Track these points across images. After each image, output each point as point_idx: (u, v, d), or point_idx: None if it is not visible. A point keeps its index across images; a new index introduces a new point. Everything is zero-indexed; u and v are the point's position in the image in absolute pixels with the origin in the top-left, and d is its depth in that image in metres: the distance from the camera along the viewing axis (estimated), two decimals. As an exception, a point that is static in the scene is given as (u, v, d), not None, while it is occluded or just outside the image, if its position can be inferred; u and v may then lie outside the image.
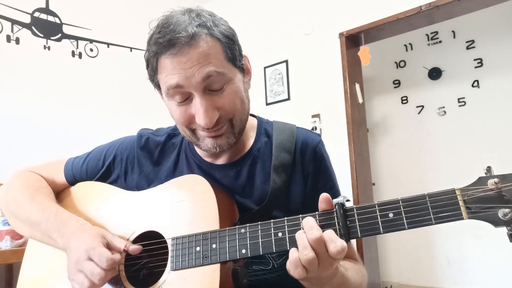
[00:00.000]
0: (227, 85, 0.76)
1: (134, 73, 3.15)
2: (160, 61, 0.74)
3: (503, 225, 0.57)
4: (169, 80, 0.73)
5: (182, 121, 0.78)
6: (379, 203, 0.63)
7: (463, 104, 3.37)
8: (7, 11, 2.60)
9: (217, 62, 0.73)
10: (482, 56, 3.29)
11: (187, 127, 0.79)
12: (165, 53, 0.72)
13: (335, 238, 0.61)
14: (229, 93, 0.76)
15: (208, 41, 0.73)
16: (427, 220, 0.60)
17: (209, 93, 0.75)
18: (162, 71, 0.74)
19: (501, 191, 0.57)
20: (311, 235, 0.61)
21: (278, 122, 0.93)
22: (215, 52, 0.74)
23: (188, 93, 0.74)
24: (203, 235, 0.73)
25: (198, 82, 0.72)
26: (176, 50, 0.71)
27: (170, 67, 0.72)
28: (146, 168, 0.92)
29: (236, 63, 0.79)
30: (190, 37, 0.71)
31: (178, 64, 0.72)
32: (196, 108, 0.74)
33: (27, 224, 0.88)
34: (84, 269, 0.72)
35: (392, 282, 3.53)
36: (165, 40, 0.71)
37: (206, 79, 0.72)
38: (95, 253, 0.72)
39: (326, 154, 0.90)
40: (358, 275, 0.80)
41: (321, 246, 0.61)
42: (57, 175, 0.98)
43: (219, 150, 0.80)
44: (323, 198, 0.66)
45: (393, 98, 3.74)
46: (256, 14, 3.38)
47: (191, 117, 0.76)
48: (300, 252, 0.62)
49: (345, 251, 0.60)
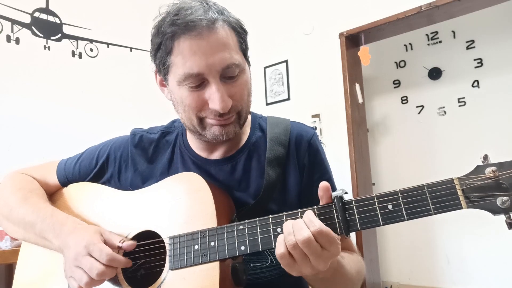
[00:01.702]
0: (240, 75, 0.77)
1: (134, 73, 3.15)
2: (178, 43, 0.72)
3: (502, 213, 0.57)
4: (188, 67, 0.72)
5: (194, 106, 0.76)
6: (378, 195, 0.63)
7: (463, 104, 3.36)
8: (7, 11, 2.60)
9: (234, 52, 0.75)
10: (482, 56, 3.29)
11: (196, 115, 0.77)
12: (183, 34, 0.71)
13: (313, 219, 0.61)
14: (241, 83, 0.77)
15: (226, 29, 0.74)
16: (426, 210, 0.60)
17: (224, 81, 0.75)
18: (179, 53, 0.73)
19: (499, 179, 0.57)
20: (299, 236, 0.60)
21: (272, 117, 0.93)
22: (233, 41, 0.75)
23: (204, 79, 0.74)
24: (201, 233, 0.72)
25: (217, 71, 0.73)
26: (196, 33, 0.71)
27: (189, 50, 0.71)
28: (141, 165, 0.91)
29: (246, 55, 0.80)
30: (210, 21, 0.71)
31: (198, 48, 0.71)
32: (211, 93, 0.73)
33: (20, 227, 0.87)
34: (82, 265, 0.72)
35: (392, 282, 3.53)
36: (185, 22, 0.70)
37: (226, 68, 0.73)
38: (95, 249, 0.72)
39: (321, 147, 0.91)
40: (354, 263, 0.80)
41: (310, 245, 0.60)
42: (49, 176, 0.97)
43: (225, 138, 0.79)
44: (323, 186, 0.65)
45: (393, 98, 3.73)
46: (256, 14, 3.38)
47: (203, 103, 0.75)
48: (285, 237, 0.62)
49: (323, 230, 0.60)
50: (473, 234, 3.14)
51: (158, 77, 0.83)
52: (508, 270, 3.00)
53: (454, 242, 3.29)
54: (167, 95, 0.84)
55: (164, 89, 0.84)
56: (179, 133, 0.93)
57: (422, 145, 3.53)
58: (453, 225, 3.23)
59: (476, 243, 3.16)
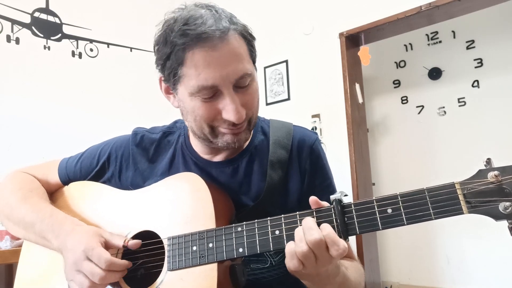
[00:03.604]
0: (251, 83, 0.77)
1: (134, 73, 3.15)
2: (191, 54, 0.71)
3: (504, 218, 0.56)
4: (203, 79, 0.71)
5: (206, 117, 0.75)
6: (377, 199, 0.63)
7: (463, 104, 3.36)
8: (7, 11, 2.60)
9: (246, 62, 0.75)
10: (482, 56, 3.29)
11: (208, 124, 0.77)
12: (196, 46, 0.70)
13: (336, 240, 0.60)
14: (252, 91, 0.77)
15: (237, 38, 0.73)
16: (427, 215, 0.59)
17: (236, 90, 0.75)
18: (192, 65, 0.71)
19: (502, 184, 0.56)
20: (310, 236, 0.61)
21: (274, 120, 0.93)
22: (244, 50, 0.75)
23: (218, 90, 0.73)
24: (199, 234, 0.72)
25: (231, 82, 0.72)
26: (210, 44, 0.70)
27: (203, 62, 0.70)
28: (142, 165, 0.91)
29: (255, 61, 0.81)
30: (222, 31, 0.70)
31: (212, 60, 0.70)
32: (225, 104, 0.73)
33: (20, 226, 0.87)
34: (83, 269, 0.72)
35: (392, 282, 3.53)
36: (197, 33, 0.69)
37: (239, 79, 0.73)
38: (94, 254, 0.71)
39: (323, 152, 0.91)
40: (357, 274, 0.80)
41: (320, 248, 0.61)
42: (50, 175, 0.97)
43: (237, 145, 0.80)
44: (312, 201, 0.66)
45: (393, 98, 3.73)
46: (256, 14, 3.38)
47: (216, 113, 0.75)
48: (296, 245, 0.62)
49: (346, 252, 0.60)
50: (473, 234, 3.14)
51: (163, 84, 0.82)
52: (508, 270, 3.00)
53: (454, 242, 3.29)
54: (173, 103, 0.83)
55: (170, 97, 0.83)
56: (181, 134, 0.93)
57: (422, 145, 3.53)
58: (453, 225, 3.23)
59: (476, 243, 3.16)
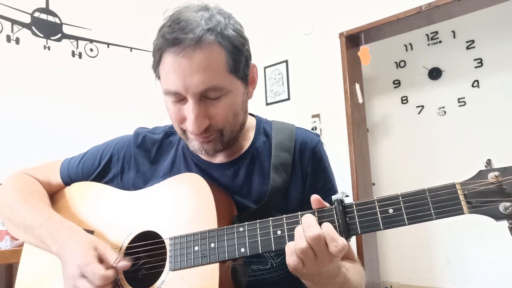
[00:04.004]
0: (224, 97, 0.74)
1: (134, 73, 3.15)
2: (163, 56, 0.73)
3: (504, 218, 0.56)
4: (168, 84, 0.73)
5: (174, 118, 0.78)
6: (379, 199, 0.63)
7: (463, 104, 3.36)
8: (7, 11, 2.60)
9: (217, 75, 0.71)
10: (482, 56, 3.29)
11: (178, 126, 0.79)
12: (168, 50, 0.71)
13: (336, 237, 0.61)
14: (224, 104, 0.75)
15: (213, 49, 0.70)
16: (428, 215, 0.59)
17: (204, 100, 0.74)
18: (163, 67, 0.74)
19: (502, 184, 0.56)
20: (309, 232, 0.61)
21: (277, 122, 0.92)
22: (218, 62, 0.71)
23: (183, 96, 0.73)
24: (201, 235, 0.72)
25: (194, 93, 0.72)
26: (180, 50, 0.70)
27: (171, 66, 0.71)
28: (143, 166, 0.91)
29: (239, 74, 0.76)
30: (196, 40, 0.69)
31: (179, 66, 0.70)
32: (187, 112, 0.74)
33: (21, 228, 0.87)
34: (77, 285, 0.72)
35: (392, 282, 3.53)
36: (172, 37, 0.70)
37: (204, 91, 0.72)
38: (88, 270, 0.70)
39: (325, 155, 0.90)
40: (358, 276, 0.80)
41: (319, 244, 0.61)
42: (52, 176, 0.97)
43: (204, 153, 0.80)
44: (314, 200, 0.67)
45: (393, 98, 3.73)
46: (256, 14, 3.38)
47: (183, 118, 0.76)
48: (296, 242, 0.62)
49: (346, 249, 0.60)
50: (473, 234, 3.15)
51: None
52: (508, 270, 3.00)
53: (454, 242, 3.30)
54: None
55: None
56: None
57: (422, 145, 3.53)
58: (453, 225, 3.24)
59: (476, 243, 3.16)
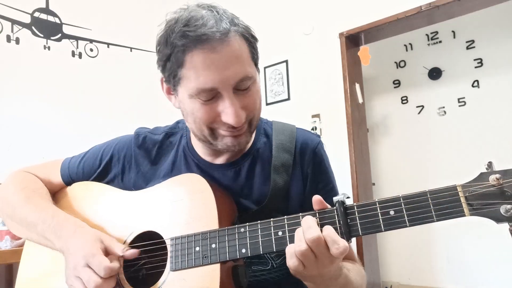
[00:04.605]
0: (252, 86, 0.75)
1: (134, 73, 3.15)
2: (190, 57, 0.70)
3: (505, 221, 0.56)
4: (202, 82, 0.70)
5: (205, 119, 0.74)
6: (380, 201, 0.63)
7: (463, 104, 3.36)
8: (7, 11, 2.60)
9: (247, 64, 0.73)
10: (482, 56, 3.29)
11: (207, 126, 0.76)
12: (196, 48, 0.69)
13: (337, 239, 0.60)
14: (253, 93, 0.76)
15: (238, 40, 0.72)
16: (429, 217, 0.60)
17: (237, 92, 0.73)
18: (191, 68, 0.71)
19: (503, 187, 0.57)
20: (308, 234, 0.61)
21: (277, 122, 0.92)
22: (245, 52, 0.73)
23: (217, 92, 0.72)
24: (202, 235, 0.73)
25: (231, 85, 0.71)
26: (209, 46, 0.68)
27: (202, 64, 0.69)
28: (144, 167, 0.91)
29: (257, 63, 0.79)
30: (223, 33, 0.69)
31: (212, 62, 0.69)
32: (225, 107, 0.72)
33: (23, 226, 0.87)
34: (81, 276, 0.71)
35: (392, 282, 3.53)
36: (196, 34, 0.68)
37: (239, 82, 0.72)
38: (94, 261, 0.71)
39: (326, 156, 0.90)
40: (359, 276, 0.80)
41: (319, 246, 0.61)
42: (53, 175, 0.97)
43: (238, 148, 0.79)
44: (316, 200, 0.66)
45: (393, 98, 3.73)
46: (256, 14, 3.38)
47: (216, 115, 0.74)
48: (296, 244, 0.62)
49: (347, 251, 0.60)
50: (473, 234, 3.15)
51: (165, 85, 0.81)
52: (508, 270, 3.00)
53: (454, 242, 3.30)
54: (175, 104, 0.82)
55: (171, 97, 0.82)
56: (183, 135, 0.93)
57: (422, 145, 3.53)
58: (453, 225, 3.23)
59: (476, 243, 3.16)
